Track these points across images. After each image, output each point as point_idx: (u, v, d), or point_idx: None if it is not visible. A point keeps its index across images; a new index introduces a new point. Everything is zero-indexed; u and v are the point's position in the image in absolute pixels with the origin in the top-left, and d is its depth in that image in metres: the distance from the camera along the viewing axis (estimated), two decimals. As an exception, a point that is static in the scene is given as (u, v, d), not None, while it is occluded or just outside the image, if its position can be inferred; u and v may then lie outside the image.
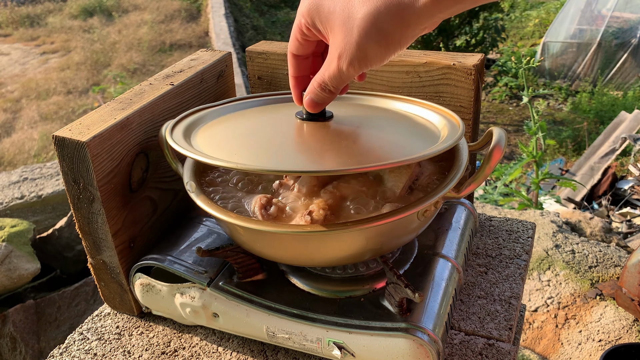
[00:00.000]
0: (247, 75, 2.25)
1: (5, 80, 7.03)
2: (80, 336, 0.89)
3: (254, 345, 0.84)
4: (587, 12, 6.70)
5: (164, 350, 0.85)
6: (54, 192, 2.54)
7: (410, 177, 0.76)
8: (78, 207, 0.83)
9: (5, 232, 2.21)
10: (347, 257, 0.72)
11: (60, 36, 8.44)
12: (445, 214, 0.93)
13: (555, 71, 6.69)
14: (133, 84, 6.25)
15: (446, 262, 0.82)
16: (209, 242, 0.89)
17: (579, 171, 4.17)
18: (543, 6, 8.76)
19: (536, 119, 2.62)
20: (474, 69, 0.89)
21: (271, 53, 1.05)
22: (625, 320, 1.74)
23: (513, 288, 0.89)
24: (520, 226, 1.05)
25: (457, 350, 0.79)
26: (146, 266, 0.86)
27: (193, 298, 0.82)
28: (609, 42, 6.37)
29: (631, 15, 6.54)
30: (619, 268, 1.95)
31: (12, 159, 5.18)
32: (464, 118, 0.93)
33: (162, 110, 0.91)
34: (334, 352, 0.74)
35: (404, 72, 0.95)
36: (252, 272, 0.81)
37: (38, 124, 5.79)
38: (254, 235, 0.71)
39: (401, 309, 0.72)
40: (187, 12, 8.97)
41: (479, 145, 0.80)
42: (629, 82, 6.22)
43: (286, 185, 0.79)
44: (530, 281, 1.97)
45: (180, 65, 1.02)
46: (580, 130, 5.43)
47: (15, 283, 2.13)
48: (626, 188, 3.69)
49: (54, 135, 0.79)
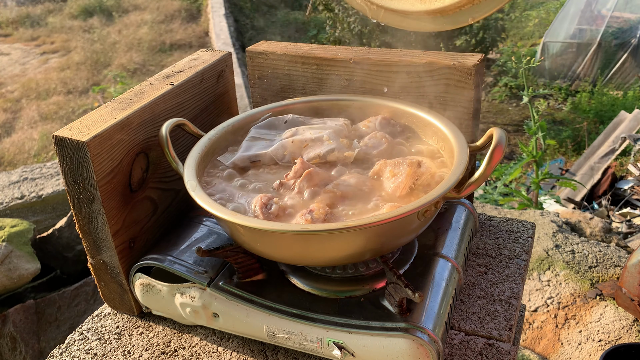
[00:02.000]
0: (247, 75, 2.25)
1: (5, 80, 7.03)
2: (80, 336, 0.89)
3: (254, 345, 0.84)
4: (587, 12, 6.69)
5: (164, 350, 0.85)
6: (54, 192, 2.53)
7: (410, 178, 0.76)
8: (78, 207, 0.83)
9: (5, 232, 2.21)
10: (347, 257, 0.72)
11: (60, 36, 8.44)
12: (445, 214, 0.93)
13: (555, 71, 6.69)
14: (133, 84, 6.25)
15: (446, 262, 0.82)
16: (209, 242, 0.89)
17: (579, 171, 4.17)
18: (543, 6, 8.76)
19: (536, 119, 2.62)
20: (474, 69, 0.89)
21: (271, 53, 1.05)
22: (625, 320, 1.74)
23: (513, 288, 0.89)
24: (520, 226, 1.05)
25: (457, 350, 0.79)
26: (146, 266, 0.86)
27: (193, 298, 0.82)
28: (608, 42, 6.37)
29: (631, 15, 6.54)
30: (619, 268, 1.95)
31: (12, 159, 5.18)
32: (463, 118, 0.93)
33: (162, 110, 0.91)
34: (334, 352, 0.74)
35: (404, 72, 0.95)
36: (252, 272, 0.81)
37: (38, 124, 5.79)
38: (254, 234, 0.71)
39: (401, 309, 0.72)
40: (187, 12, 8.97)
41: (479, 146, 0.80)
42: (629, 82, 6.21)
43: (287, 184, 0.79)
44: (530, 281, 1.97)
45: (180, 65, 1.02)
46: (580, 130, 5.43)
47: (15, 283, 2.13)
48: (626, 188, 3.69)
49: (54, 135, 0.79)
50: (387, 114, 0.93)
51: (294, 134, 0.89)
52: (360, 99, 0.96)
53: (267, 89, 1.09)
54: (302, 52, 1.03)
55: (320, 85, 1.04)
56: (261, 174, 0.84)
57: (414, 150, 0.87)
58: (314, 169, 0.79)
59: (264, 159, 0.86)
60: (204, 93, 1.01)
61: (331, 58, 1.00)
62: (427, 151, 0.87)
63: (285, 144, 0.87)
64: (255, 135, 0.91)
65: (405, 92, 0.97)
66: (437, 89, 0.94)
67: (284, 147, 0.86)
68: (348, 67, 0.99)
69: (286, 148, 0.86)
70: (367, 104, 0.95)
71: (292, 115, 0.96)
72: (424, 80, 0.94)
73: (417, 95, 0.96)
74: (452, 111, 0.94)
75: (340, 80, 1.02)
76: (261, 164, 0.86)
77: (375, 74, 0.98)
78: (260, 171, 0.85)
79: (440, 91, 0.94)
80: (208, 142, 0.88)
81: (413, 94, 0.96)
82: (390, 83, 0.97)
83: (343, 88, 1.02)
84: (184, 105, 0.96)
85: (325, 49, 1.03)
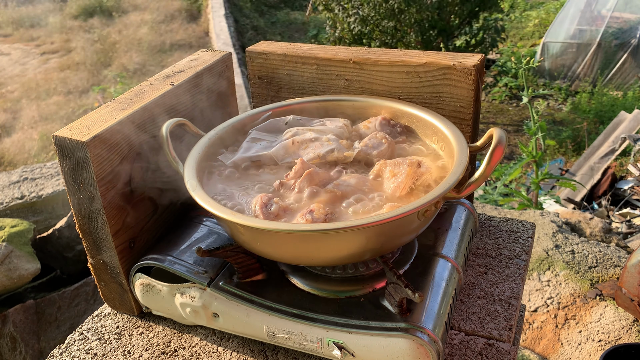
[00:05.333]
0: (247, 75, 2.25)
1: (5, 80, 7.03)
2: (80, 336, 0.89)
3: (254, 345, 0.84)
4: (587, 13, 6.69)
5: (164, 350, 0.85)
6: (54, 192, 2.53)
7: (410, 178, 0.76)
8: (78, 207, 0.83)
9: (5, 232, 2.21)
10: (347, 256, 0.72)
11: (61, 36, 8.44)
12: (445, 214, 0.94)
13: (555, 71, 6.69)
14: (133, 84, 6.25)
15: (446, 262, 0.82)
16: (209, 242, 0.89)
17: (579, 171, 4.16)
18: (543, 6, 8.76)
19: (536, 119, 2.62)
20: (474, 69, 0.89)
21: (271, 53, 1.05)
22: (625, 320, 1.74)
23: (513, 288, 0.89)
24: (520, 226, 1.05)
25: (457, 350, 0.79)
26: (146, 266, 0.86)
27: (193, 298, 0.82)
28: (608, 42, 6.37)
29: (631, 15, 6.54)
30: (619, 268, 1.95)
31: (12, 159, 5.18)
32: (463, 118, 0.93)
33: (162, 110, 0.91)
34: (334, 352, 0.74)
35: (403, 73, 0.95)
36: (252, 272, 0.81)
37: (38, 124, 5.79)
38: (254, 234, 0.71)
39: (401, 309, 0.72)
40: (187, 12, 8.97)
41: (479, 146, 0.80)
42: (629, 82, 6.21)
43: (287, 184, 0.79)
44: (530, 281, 1.97)
45: (180, 66, 1.02)
46: (580, 131, 5.43)
47: (15, 283, 2.13)
48: (626, 188, 3.69)
49: (54, 135, 0.79)
50: (387, 114, 0.94)
51: (294, 134, 0.89)
52: (360, 99, 0.96)
53: (267, 89, 1.09)
54: (302, 52, 1.03)
55: (320, 85, 1.04)
56: (261, 174, 0.84)
57: (414, 151, 0.87)
58: (314, 169, 0.79)
59: (264, 159, 0.86)
60: (204, 93, 1.01)
61: (331, 58, 1.00)
62: (427, 151, 0.87)
63: (285, 144, 0.87)
64: (255, 137, 0.92)
65: (405, 92, 0.97)
66: (437, 89, 0.94)
67: (284, 148, 0.87)
68: (348, 67, 0.99)
69: (286, 148, 0.86)
70: (367, 104, 0.96)
71: (293, 116, 0.96)
72: (424, 81, 0.94)
73: (417, 95, 0.96)
74: (452, 111, 0.94)
75: (340, 80, 1.02)
76: (261, 164, 0.86)
77: (375, 74, 0.98)
78: (261, 171, 0.85)
79: (440, 91, 0.94)
80: (208, 142, 0.88)
81: (413, 94, 0.96)
82: (391, 83, 0.97)
83: (343, 88, 1.02)
84: (184, 105, 0.96)
85: (325, 49, 1.03)
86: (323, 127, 0.91)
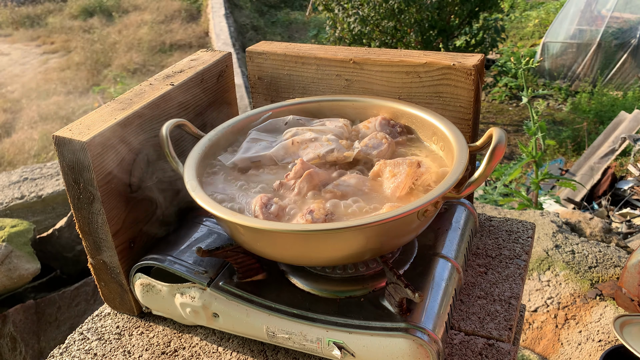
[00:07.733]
0: (247, 75, 2.25)
1: (5, 80, 7.03)
2: (80, 336, 0.89)
3: (254, 345, 0.84)
4: (587, 13, 6.69)
5: (164, 350, 0.85)
6: (54, 192, 2.53)
7: (410, 178, 0.76)
8: (78, 207, 0.83)
9: (5, 232, 2.21)
10: (347, 256, 0.72)
11: (61, 36, 8.44)
12: (445, 214, 0.94)
13: (555, 71, 6.69)
14: (133, 84, 6.25)
15: (446, 262, 0.82)
16: (209, 242, 0.89)
17: (579, 171, 4.16)
18: (543, 6, 8.76)
19: (536, 119, 2.62)
20: (474, 69, 0.89)
21: (271, 53, 1.05)
22: (625, 320, 1.73)
23: (513, 288, 0.89)
24: (520, 226, 1.05)
25: (457, 350, 0.79)
26: (146, 266, 0.86)
27: (193, 298, 0.82)
28: (608, 42, 6.36)
29: (631, 15, 6.54)
30: (619, 268, 1.95)
31: (12, 159, 5.18)
32: (463, 118, 0.93)
33: (162, 110, 0.91)
34: (334, 352, 0.74)
35: (403, 73, 0.95)
36: (252, 272, 0.81)
37: (38, 124, 5.79)
38: (254, 234, 0.71)
39: (401, 309, 0.72)
40: (187, 12, 8.97)
41: (479, 146, 0.80)
42: (629, 82, 6.21)
43: (287, 185, 0.79)
44: (530, 281, 1.97)
45: (180, 66, 1.02)
46: (580, 131, 5.43)
47: (15, 283, 2.13)
48: (626, 188, 3.69)
49: (54, 135, 0.79)
50: (387, 114, 0.94)
51: (294, 134, 0.89)
52: (360, 99, 0.96)
53: (267, 89, 1.09)
54: (302, 52, 1.03)
55: (320, 85, 1.04)
56: (261, 175, 0.84)
57: (414, 150, 0.87)
58: (314, 170, 0.79)
59: (264, 160, 0.86)
60: (204, 93, 1.01)
61: (331, 58, 1.00)
62: (427, 151, 0.87)
63: (285, 144, 0.87)
64: (255, 137, 0.92)
65: (405, 92, 0.97)
66: (437, 89, 0.94)
67: (284, 148, 0.87)
68: (348, 67, 0.99)
69: (286, 149, 0.86)
70: (367, 104, 0.96)
71: (292, 116, 0.96)
72: (424, 81, 0.94)
73: (417, 95, 0.96)
74: (452, 111, 0.94)
75: (340, 80, 1.02)
76: (261, 165, 0.86)
77: (375, 74, 0.98)
78: (261, 171, 0.85)
79: (440, 91, 0.94)
80: (208, 142, 0.88)
81: (413, 94, 0.96)
82: (390, 83, 0.97)
83: (343, 88, 1.02)
84: (184, 106, 0.96)
85: (325, 49, 1.03)
86: (323, 127, 0.91)
